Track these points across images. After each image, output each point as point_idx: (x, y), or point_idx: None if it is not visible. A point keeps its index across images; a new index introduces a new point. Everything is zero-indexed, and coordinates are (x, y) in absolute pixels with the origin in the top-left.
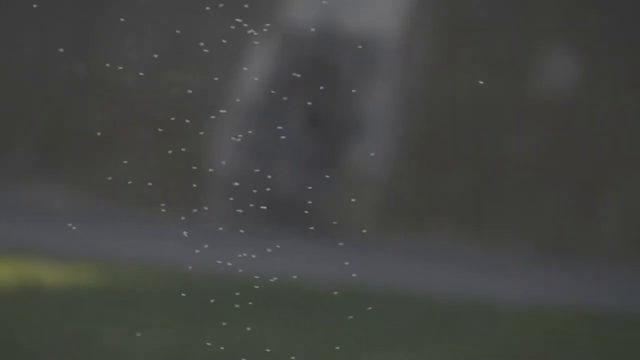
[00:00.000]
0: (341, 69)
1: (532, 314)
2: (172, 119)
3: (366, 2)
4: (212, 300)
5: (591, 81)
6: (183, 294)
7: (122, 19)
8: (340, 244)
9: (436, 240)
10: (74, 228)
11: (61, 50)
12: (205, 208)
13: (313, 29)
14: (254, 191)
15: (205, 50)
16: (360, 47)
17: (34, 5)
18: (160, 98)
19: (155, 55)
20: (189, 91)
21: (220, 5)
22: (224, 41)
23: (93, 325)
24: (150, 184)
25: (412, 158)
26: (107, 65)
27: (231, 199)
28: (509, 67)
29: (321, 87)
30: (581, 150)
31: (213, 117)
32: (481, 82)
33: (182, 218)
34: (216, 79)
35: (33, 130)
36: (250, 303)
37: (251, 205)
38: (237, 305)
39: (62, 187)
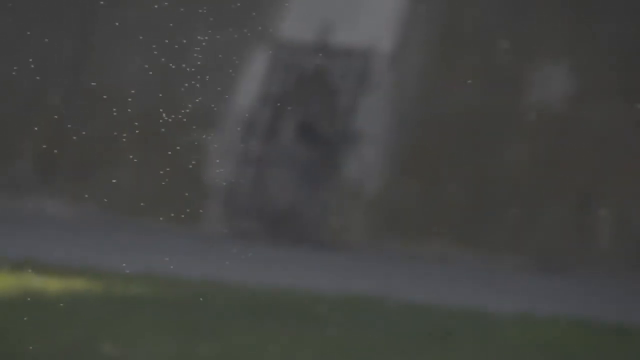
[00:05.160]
0: (338, 82)
1: (526, 323)
2: (173, 130)
3: (363, 17)
4: (210, 310)
5: (588, 96)
6: (182, 304)
7: (124, 33)
8: (337, 254)
9: (431, 251)
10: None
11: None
12: (204, 219)
13: (311, 43)
14: (253, 203)
15: (205, 63)
16: (356, 60)
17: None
18: (162, 110)
19: (157, 68)
20: (189, 105)
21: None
22: (223, 55)
23: (94, 334)
24: (152, 194)
25: (408, 171)
26: (109, 78)
27: (230, 210)
28: (504, 81)
29: (319, 101)
30: (576, 164)
31: (212, 129)
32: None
33: (182, 228)
34: (216, 91)
35: (36, 139)
36: (249, 313)
37: (249, 216)
38: (237, 315)
39: (64, 198)
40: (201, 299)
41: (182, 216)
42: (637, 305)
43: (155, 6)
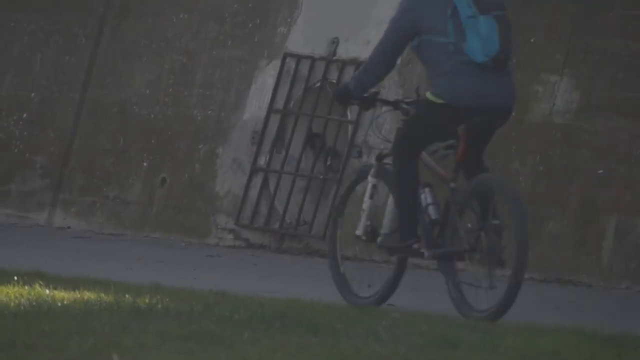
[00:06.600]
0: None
1: (529, 334)
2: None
3: (369, 31)
4: (219, 321)
5: (592, 109)
6: (190, 315)
7: (133, 48)
8: (343, 264)
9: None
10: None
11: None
12: (213, 230)
13: (319, 56)
14: (261, 214)
15: (214, 76)
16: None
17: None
18: (168, 124)
19: (166, 82)
20: (199, 118)
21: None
22: (232, 67)
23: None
24: (161, 206)
25: None
26: (119, 92)
27: (238, 221)
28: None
29: (326, 114)
30: (579, 177)
31: (221, 141)
32: None
33: (191, 239)
34: (225, 104)
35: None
36: (258, 323)
37: (257, 227)
38: (245, 326)
39: (74, 210)
40: (209, 310)
41: (191, 228)
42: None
43: (165, 20)
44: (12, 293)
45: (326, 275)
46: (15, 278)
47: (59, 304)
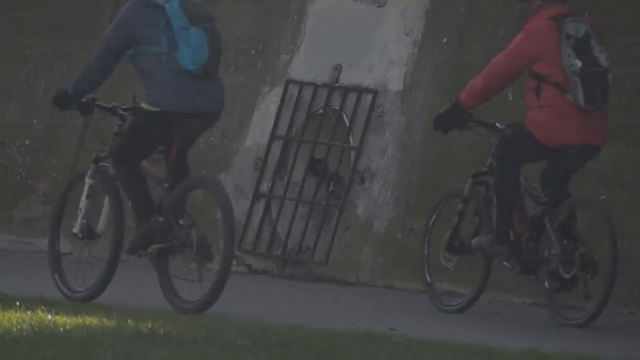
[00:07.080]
0: (348, 121)
1: (531, 359)
2: None
3: (372, 57)
4: (222, 346)
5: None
6: (194, 340)
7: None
8: (347, 290)
9: (439, 288)
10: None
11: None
12: (216, 256)
13: (320, 83)
14: (263, 240)
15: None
16: (366, 99)
17: None
18: None
19: None
20: (201, 143)
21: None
22: (235, 94)
23: None
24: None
25: (416, 208)
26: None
27: (241, 247)
28: (510, 118)
29: (329, 140)
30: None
31: (224, 167)
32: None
33: (194, 265)
34: (228, 130)
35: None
36: (261, 349)
37: (260, 252)
38: (249, 351)
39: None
40: (214, 335)
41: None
42: None
43: None
44: (15, 318)
45: (329, 301)
46: (18, 303)
47: (61, 330)
